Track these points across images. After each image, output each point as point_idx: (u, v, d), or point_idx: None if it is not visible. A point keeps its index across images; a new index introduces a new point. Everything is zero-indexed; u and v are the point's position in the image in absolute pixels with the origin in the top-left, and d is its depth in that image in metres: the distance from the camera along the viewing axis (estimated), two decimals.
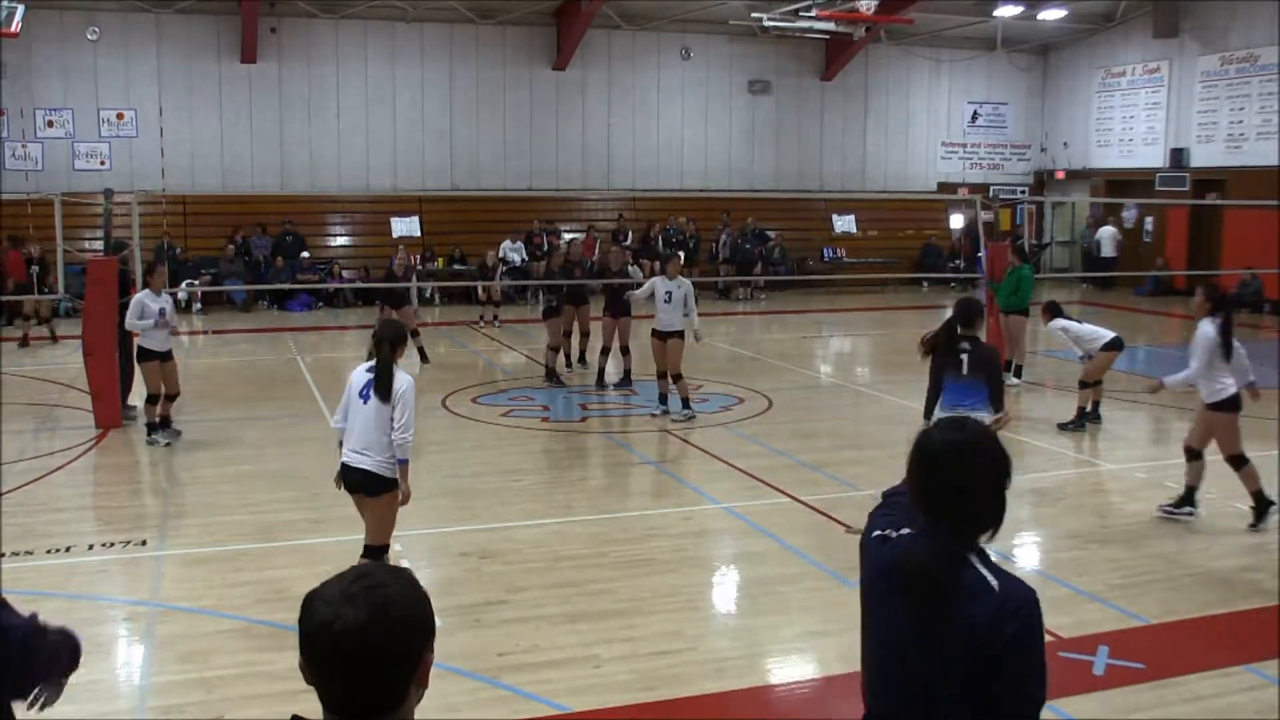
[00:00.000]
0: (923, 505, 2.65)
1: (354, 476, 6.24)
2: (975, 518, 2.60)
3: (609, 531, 8.13)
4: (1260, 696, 5.49)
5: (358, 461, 6.19)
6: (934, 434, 2.70)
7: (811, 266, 25.70)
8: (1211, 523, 8.42)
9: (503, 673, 5.74)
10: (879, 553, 2.72)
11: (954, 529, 2.59)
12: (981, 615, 2.49)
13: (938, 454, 2.63)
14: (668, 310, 11.76)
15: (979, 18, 25.27)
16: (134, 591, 6.95)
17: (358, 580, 1.85)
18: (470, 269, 22.53)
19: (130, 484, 9.73)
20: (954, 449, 2.62)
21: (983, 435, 2.70)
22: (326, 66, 23.40)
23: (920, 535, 2.64)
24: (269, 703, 5.32)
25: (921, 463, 2.66)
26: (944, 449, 2.63)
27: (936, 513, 2.60)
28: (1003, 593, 2.53)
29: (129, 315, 10.58)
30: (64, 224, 13.46)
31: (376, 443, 6.15)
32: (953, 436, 2.67)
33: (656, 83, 25.72)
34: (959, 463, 2.60)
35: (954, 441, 2.65)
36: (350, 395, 6.26)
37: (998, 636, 2.48)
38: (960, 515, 2.59)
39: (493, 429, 11.48)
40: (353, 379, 6.30)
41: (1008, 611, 2.50)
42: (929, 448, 2.66)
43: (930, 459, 2.64)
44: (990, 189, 27.01)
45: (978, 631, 2.49)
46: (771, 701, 5.71)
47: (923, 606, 2.55)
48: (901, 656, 2.62)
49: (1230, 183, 23.29)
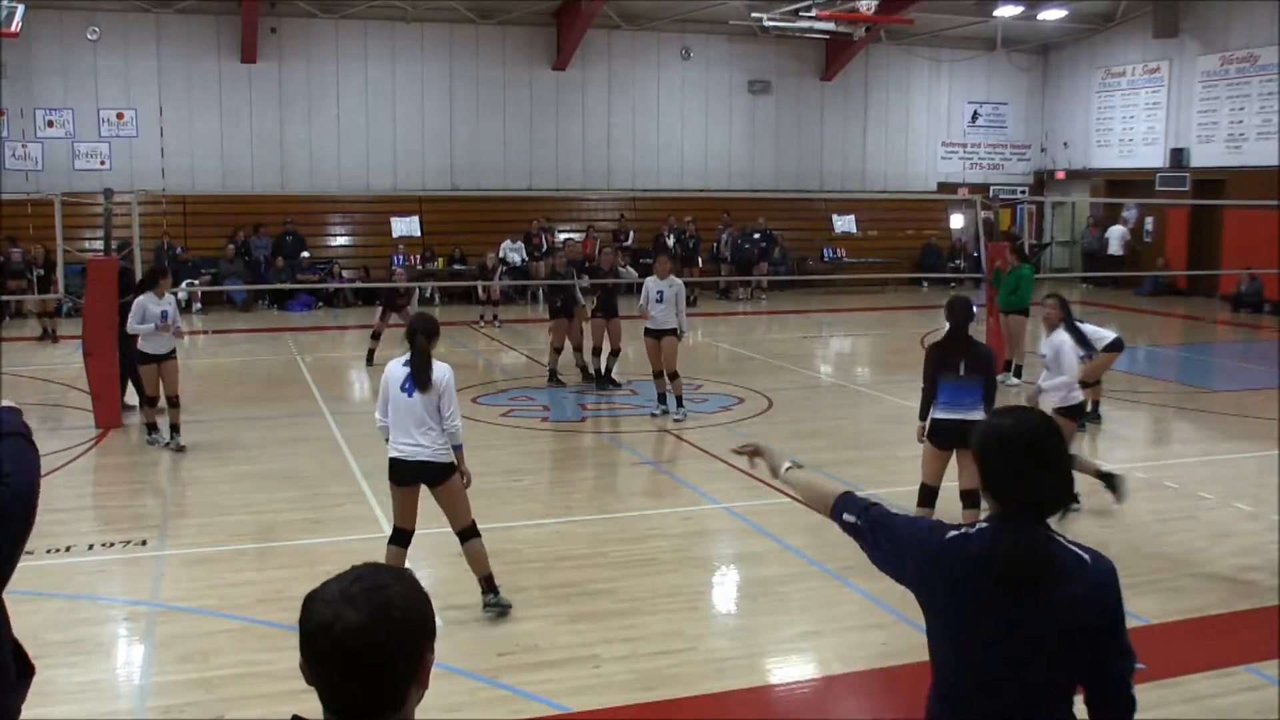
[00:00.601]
0: (1004, 491, 2.67)
1: (409, 470, 6.27)
2: (1054, 498, 2.67)
3: (609, 531, 8.13)
4: (1260, 696, 5.50)
5: (413, 454, 6.22)
6: (1005, 421, 2.74)
7: (811, 266, 25.70)
8: (1212, 523, 8.42)
9: (503, 673, 5.74)
10: (964, 549, 2.69)
11: (1039, 511, 2.64)
12: (1080, 589, 2.59)
13: (1016, 439, 2.67)
14: (660, 309, 11.77)
15: (979, 18, 25.26)
16: (134, 591, 6.96)
17: (358, 581, 1.85)
18: (470, 269, 22.54)
19: (130, 484, 9.72)
20: (1030, 432, 2.68)
21: (1048, 417, 2.82)
22: (326, 66, 23.40)
23: (1003, 524, 2.66)
24: (269, 703, 5.32)
25: (1000, 449, 2.68)
26: (1020, 433, 2.68)
27: (1019, 497, 2.64)
28: (1094, 563, 2.64)
29: (130, 319, 10.39)
30: (64, 224, 13.48)
31: (427, 433, 6.20)
32: (1024, 420, 2.73)
33: (656, 83, 25.72)
34: (1037, 445, 2.66)
35: (1028, 425, 2.70)
36: (389, 391, 6.29)
37: (1097, 607, 2.60)
38: (1042, 496, 2.64)
39: (493, 429, 11.48)
40: (390, 374, 6.33)
41: (1102, 581, 2.62)
42: (1006, 434, 2.70)
43: (1010, 444, 2.67)
44: (990, 189, 26.99)
45: (1078, 606, 2.58)
46: (771, 701, 5.71)
47: (1023, 592, 2.59)
48: (997, 643, 2.63)
49: (1230, 183, 23.28)
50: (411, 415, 6.21)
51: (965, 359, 7.29)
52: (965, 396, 7.20)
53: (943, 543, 2.75)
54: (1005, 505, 2.67)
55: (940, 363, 7.37)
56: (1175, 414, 12.76)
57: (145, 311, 10.30)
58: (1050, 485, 2.66)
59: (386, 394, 6.30)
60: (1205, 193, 23.74)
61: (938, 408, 7.34)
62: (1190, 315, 21.92)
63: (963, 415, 7.05)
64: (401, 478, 6.33)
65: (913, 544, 2.82)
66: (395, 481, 6.38)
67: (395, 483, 6.39)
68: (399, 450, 6.26)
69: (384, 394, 6.33)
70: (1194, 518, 8.52)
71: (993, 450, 2.70)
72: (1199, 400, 13.47)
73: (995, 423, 2.77)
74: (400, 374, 6.28)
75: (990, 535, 2.67)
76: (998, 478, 2.69)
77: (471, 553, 6.49)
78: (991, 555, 2.63)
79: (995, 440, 2.70)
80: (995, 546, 2.63)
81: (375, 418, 6.48)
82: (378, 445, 11.34)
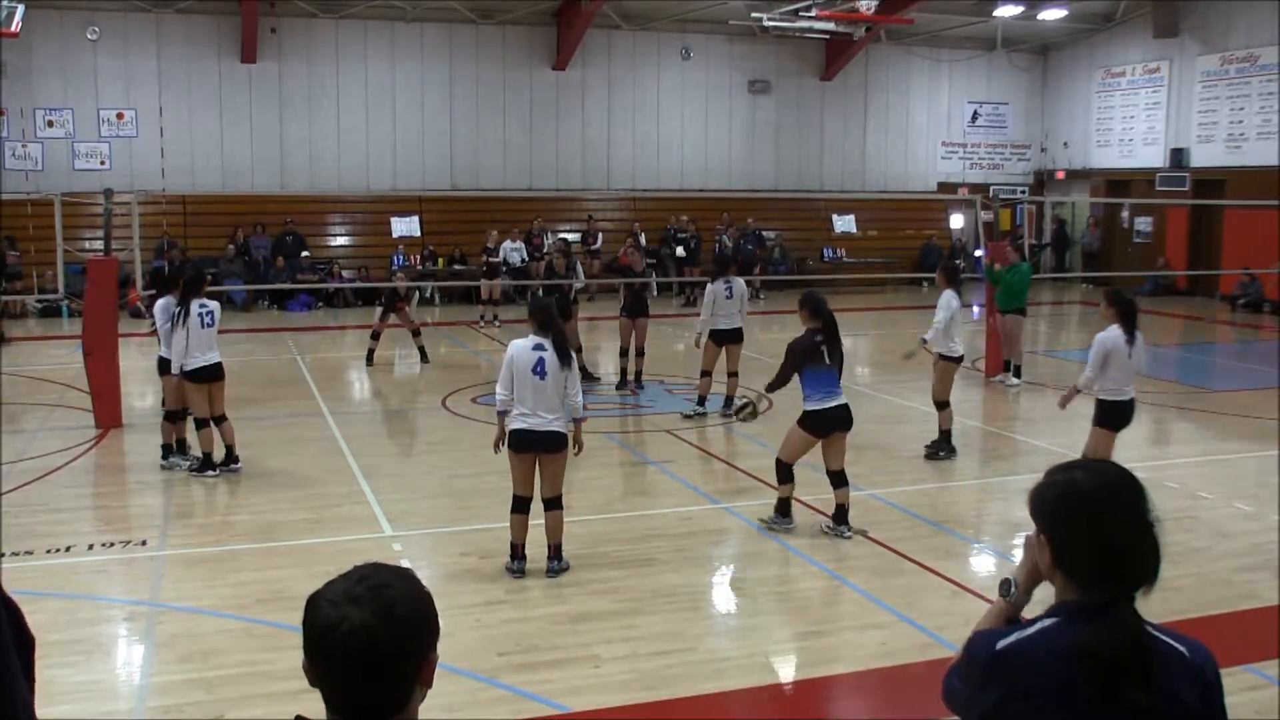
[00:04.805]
0: (1081, 566, 2.12)
1: (539, 439, 6.91)
2: (1146, 571, 2.11)
3: (609, 531, 8.13)
4: (1260, 696, 5.50)
5: (546, 425, 6.89)
6: (1079, 476, 2.17)
7: (811, 266, 25.70)
8: (1211, 523, 8.42)
9: (503, 673, 5.74)
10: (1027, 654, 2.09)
11: (1126, 588, 2.09)
12: (1188, 690, 2.08)
13: (1098, 499, 2.12)
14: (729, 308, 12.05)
15: (979, 18, 25.26)
16: (134, 591, 6.95)
17: (362, 581, 1.86)
18: (471, 269, 22.54)
19: (130, 484, 9.71)
20: (1116, 490, 2.14)
21: (1127, 471, 2.20)
22: (326, 66, 23.40)
23: (1077, 616, 2.09)
24: (269, 703, 5.32)
25: (1078, 512, 2.12)
26: (1105, 492, 2.13)
27: (1107, 572, 2.08)
28: (1193, 656, 2.12)
29: (158, 318, 9.75)
30: (64, 224, 13.48)
31: (556, 408, 6.91)
32: (1106, 475, 2.17)
33: (656, 83, 25.72)
34: (1125, 506, 2.12)
35: (1112, 481, 2.15)
36: (516, 370, 6.90)
37: (1207, 708, 2.10)
38: (1133, 570, 2.10)
39: (493, 429, 11.44)
40: (517, 355, 6.92)
41: (1209, 679, 2.11)
42: (1084, 493, 2.13)
43: (1091, 506, 2.12)
44: (990, 189, 27.00)
45: (1188, 708, 2.08)
46: (771, 701, 5.72)
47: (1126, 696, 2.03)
48: None
49: (1230, 183, 23.28)
50: (544, 392, 6.87)
51: (830, 349, 7.92)
52: (834, 384, 7.88)
53: (993, 655, 2.11)
54: (1083, 584, 2.12)
55: (812, 352, 7.91)
56: (1175, 414, 12.76)
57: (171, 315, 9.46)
58: (1138, 559, 2.10)
59: (513, 372, 6.90)
60: (1205, 193, 23.74)
61: (813, 399, 7.88)
62: (1190, 315, 21.92)
63: (837, 402, 7.84)
64: (523, 447, 6.94)
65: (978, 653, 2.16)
66: (517, 450, 6.98)
67: (516, 451, 6.98)
68: (526, 422, 6.90)
69: (507, 372, 6.94)
70: (1194, 518, 8.52)
71: (1063, 513, 2.15)
72: (1199, 400, 13.47)
73: (1062, 480, 2.18)
74: (529, 356, 6.88)
75: (1065, 628, 2.08)
76: (1073, 551, 2.12)
77: (554, 519, 7.15)
78: (1078, 651, 2.04)
79: (1071, 501, 2.14)
80: (1080, 640, 2.04)
81: (497, 393, 7.05)
82: (378, 445, 11.42)
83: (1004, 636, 2.13)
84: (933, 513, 8.66)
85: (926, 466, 10.25)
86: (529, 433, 6.91)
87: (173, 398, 9.82)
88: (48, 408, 12.35)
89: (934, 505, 8.92)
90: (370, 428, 12.36)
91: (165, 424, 9.97)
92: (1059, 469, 2.22)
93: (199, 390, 9.42)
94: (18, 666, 2.19)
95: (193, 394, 9.46)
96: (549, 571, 7.13)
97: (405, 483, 9.58)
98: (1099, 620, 2.05)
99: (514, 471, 7.09)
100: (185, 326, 9.28)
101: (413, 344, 15.54)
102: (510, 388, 6.96)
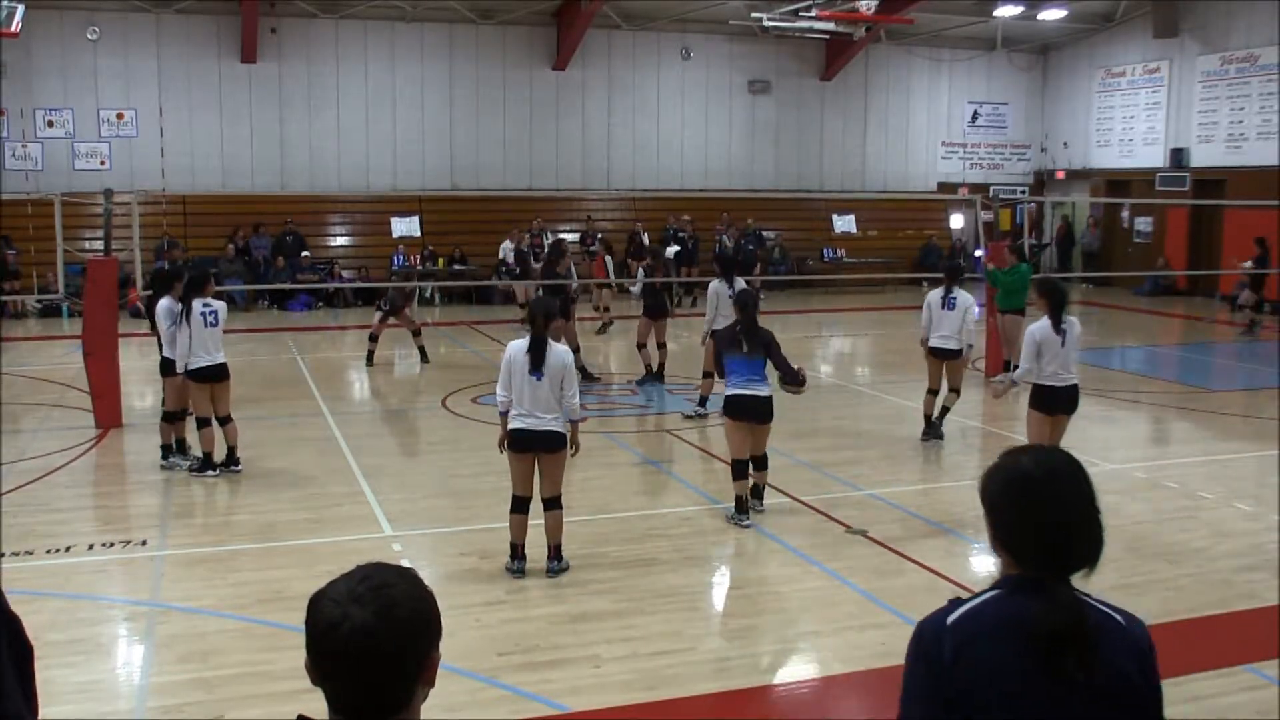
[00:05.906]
0: (1023, 545, 2.20)
1: (537, 439, 6.96)
2: (1086, 553, 2.21)
3: (609, 531, 8.13)
4: (1260, 696, 5.50)
5: (544, 425, 6.94)
6: (1024, 460, 2.27)
7: (811, 266, 25.70)
8: (1211, 523, 8.42)
9: (503, 673, 5.74)
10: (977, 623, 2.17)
11: (1065, 567, 2.19)
12: (1126, 659, 2.15)
13: (1040, 482, 2.21)
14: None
15: (979, 18, 25.27)
16: (134, 591, 6.95)
17: (365, 580, 1.86)
18: (470, 269, 22.52)
19: (130, 484, 9.71)
20: (1057, 475, 2.23)
21: (1072, 457, 2.30)
22: (326, 66, 23.40)
23: (1017, 589, 2.18)
24: (269, 703, 5.32)
25: (1020, 494, 2.22)
26: (1047, 475, 2.23)
27: (1046, 552, 2.18)
28: (1129, 627, 2.20)
29: (162, 321, 9.61)
30: (64, 224, 13.47)
31: (553, 408, 6.95)
32: (1049, 460, 2.27)
33: (656, 83, 25.72)
34: (1066, 489, 2.22)
35: (1054, 466, 2.25)
36: (515, 371, 6.95)
37: (1145, 679, 2.16)
38: (1071, 551, 2.19)
39: (493, 429, 11.39)
40: (515, 356, 6.97)
41: (1144, 648, 2.18)
42: (1027, 476, 2.23)
43: (1032, 489, 2.21)
44: (990, 189, 27.00)
45: (1129, 679, 2.14)
46: (771, 701, 5.72)
47: (1068, 664, 2.10)
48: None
49: (1230, 183, 23.28)
50: (541, 393, 6.91)
51: (748, 339, 8.18)
52: (755, 370, 8.17)
53: (943, 628, 2.19)
54: (1024, 563, 2.21)
55: (729, 341, 8.27)
56: (1175, 414, 12.76)
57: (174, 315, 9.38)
58: (1080, 539, 2.20)
59: (510, 373, 6.97)
60: (1205, 193, 23.74)
61: (733, 385, 8.17)
62: (1190, 315, 21.92)
63: (754, 391, 8.09)
64: (525, 444, 6.97)
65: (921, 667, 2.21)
66: (515, 450, 7.02)
67: (515, 451, 7.03)
68: (525, 422, 6.94)
69: (506, 373, 6.99)
70: (1194, 518, 8.52)
71: (1007, 493, 2.25)
72: (1199, 400, 13.47)
73: (1008, 463, 2.29)
74: (524, 359, 6.95)
75: (1008, 600, 2.18)
76: (1011, 526, 2.23)
77: (553, 519, 7.18)
78: (1021, 619, 2.12)
79: (1015, 482, 2.24)
80: (1023, 616, 2.12)
81: (497, 394, 7.10)
82: (378, 445, 11.41)
83: (951, 613, 2.21)
84: (933, 513, 8.66)
85: (927, 466, 10.26)
86: (527, 432, 6.96)
87: (173, 399, 9.82)
88: (48, 408, 12.35)
89: (934, 505, 8.93)
90: (370, 428, 12.36)
91: (163, 425, 9.96)
92: (1008, 453, 2.33)
93: (202, 390, 9.42)
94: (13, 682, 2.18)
95: (196, 394, 9.45)
96: (549, 571, 7.14)
97: (405, 483, 9.58)
98: (1039, 594, 2.14)
99: (513, 471, 7.13)
100: (187, 325, 9.27)
101: (413, 344, 15.55)
102: (509, 388, 7.01)
